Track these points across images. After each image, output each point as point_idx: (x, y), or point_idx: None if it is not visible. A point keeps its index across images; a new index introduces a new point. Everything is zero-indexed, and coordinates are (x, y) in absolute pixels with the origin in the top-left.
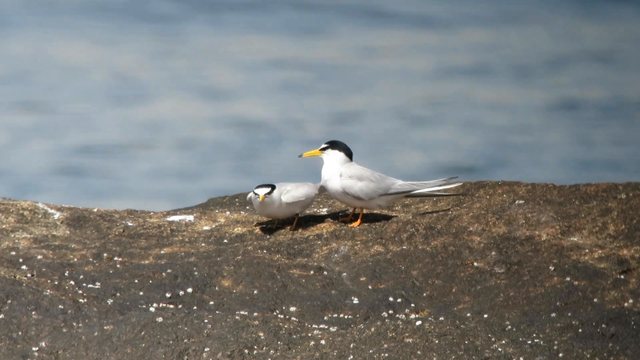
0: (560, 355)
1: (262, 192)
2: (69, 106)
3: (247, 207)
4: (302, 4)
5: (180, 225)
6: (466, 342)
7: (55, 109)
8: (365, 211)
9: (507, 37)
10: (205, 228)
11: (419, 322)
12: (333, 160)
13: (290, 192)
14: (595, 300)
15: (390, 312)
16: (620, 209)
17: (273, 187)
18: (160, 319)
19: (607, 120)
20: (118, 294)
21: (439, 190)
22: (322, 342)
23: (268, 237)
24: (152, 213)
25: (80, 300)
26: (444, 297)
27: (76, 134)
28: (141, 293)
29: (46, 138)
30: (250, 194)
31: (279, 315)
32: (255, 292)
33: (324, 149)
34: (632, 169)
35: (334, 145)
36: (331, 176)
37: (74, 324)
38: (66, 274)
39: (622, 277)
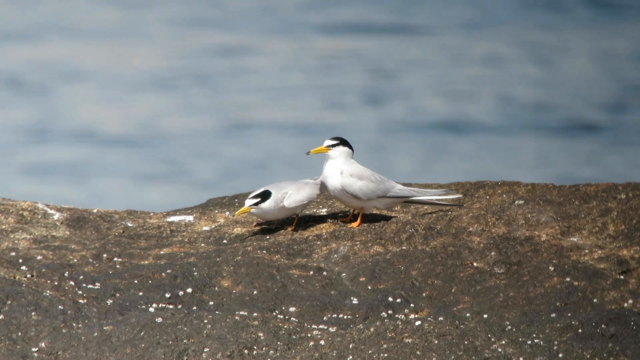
0: (560, 355)
1: (248, 203)
2: None
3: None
4: None
5: (180, 226)
6: (466, 342)
7: None
8: (363, 212)
9: None
10: (205, 228)
11: (418, 322)
12: (339, 157)
13: (292, 197)
14: (595, 300)
15: (390, 312)
16: (620, 209)
17: (265, 196)
18: (159, 319)
19: None
20: (118, 295)
21: (437, 200)
22: (322, 342)
23: (268, 237)
24: (151, 214)
25: (80, 300)
26: (444, 297)
27: None
28: (141, 293)
29: None
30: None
31: (279, 316)
32: (254, 292)
33: (332, 146)
34: None
35: (343, 142)
36: (332, 173)
37: (74, 324)
38: (66, 274)
39: (621, 277)
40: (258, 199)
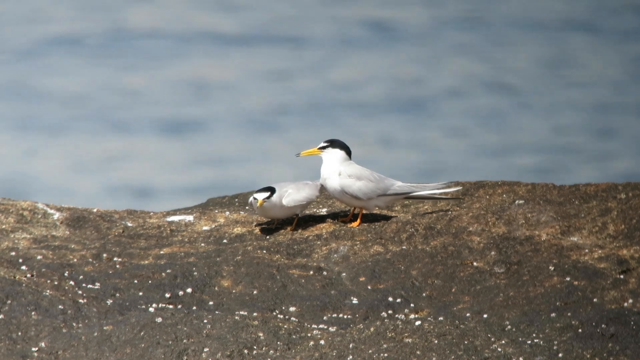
0: (560, 355)
1: (260, 196)
2: None
3: (247, 207)
4: None
5: (180, 226)
6: (466, 342)
7: None
8: (364, 211)
9: None
10: (205, 228)
11: (418, 322)
12: (332, 158)
13: (291, 196)
14: (595, 300)
15: (390, 312)
16: (620, 209)
17: (272, 191)
18: (159, 319)
19: None
20: (117, 294)
21: (437, 194)
22: (322, 342)
23: (268, 237)
24: (151, 213)
25: (80, 300)
26: (444, 297)
27: None
28: (141, 293)
29: None
30: (251, 199)
31: (279, 315)
32: (254, 292)
33: (323, 148)
34: None
35: (333, 143)
36: (330, 175)
37: (74, 324)
38: (66, 274)
39: (621, 277)
40: (268, 193)
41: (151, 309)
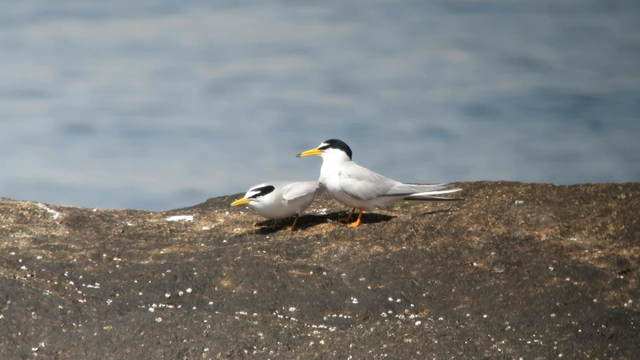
0: (560, 355)
1: (249, 194)
2: None
3: (247, 207)
4: None
5: (180, 226)
6: (466, 342)
7: None
8: (364, 211)
9: None
10: (205, 228)
11: (418, 322)
12: (333, 158)
13: (291, 190)
14: (594, 300)
15: (390, 312)
16: (620, 209)
17: (266, 190)
18: (159, 319)
19: None
20: (117, 294)
21: (438, 195)
22: (322, 342)
23: (267, 237)
24: (151, 213)
25: (80, 300)
26: (444, 298)
27: None
28: (140, 293)
29: None
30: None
31: (279, 316)
32: (254, 292)
33: (323, 148)
34: None
35: (334, 143)
36: (330, 174)
37: (74, 324)
38: (66, 274)
39: (621, 277)
40: (258, 192)
41: (151, 309)
